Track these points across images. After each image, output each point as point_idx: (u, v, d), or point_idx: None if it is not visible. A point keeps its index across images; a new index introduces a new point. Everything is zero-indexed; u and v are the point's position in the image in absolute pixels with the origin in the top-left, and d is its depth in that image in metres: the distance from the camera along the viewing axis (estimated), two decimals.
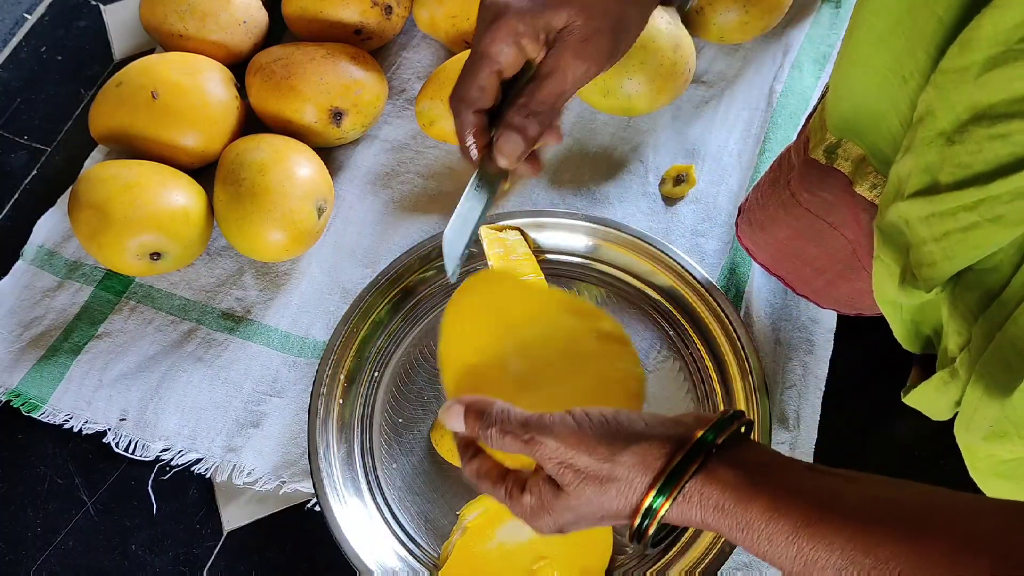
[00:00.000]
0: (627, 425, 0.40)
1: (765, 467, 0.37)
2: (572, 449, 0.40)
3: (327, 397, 0.66)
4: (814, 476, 0.36)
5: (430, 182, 0.79)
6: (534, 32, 0.44)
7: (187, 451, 0.68)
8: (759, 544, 0.35)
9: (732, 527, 0.36)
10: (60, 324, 0.73)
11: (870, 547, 0.32)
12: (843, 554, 0.33)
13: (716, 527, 0.37)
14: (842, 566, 0.33)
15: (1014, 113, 0.34)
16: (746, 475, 0.36)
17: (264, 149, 0.71)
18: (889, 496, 0.34)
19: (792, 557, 0.34)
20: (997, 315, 0.39)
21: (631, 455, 0.38)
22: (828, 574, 0.33)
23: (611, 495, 0.39)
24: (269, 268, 0.75)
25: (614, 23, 0.45)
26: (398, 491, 0.65)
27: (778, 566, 0.35)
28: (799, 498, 0.35)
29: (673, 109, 0.80)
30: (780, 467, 0.37)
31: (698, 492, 0.37)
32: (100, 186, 0.69)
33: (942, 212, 0.38)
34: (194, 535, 0.66)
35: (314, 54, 0.76)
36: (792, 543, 0.34)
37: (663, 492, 0.38)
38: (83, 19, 0.93)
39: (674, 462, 0.38)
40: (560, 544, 0.58)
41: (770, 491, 0.35)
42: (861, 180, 0.51)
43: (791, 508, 0.34)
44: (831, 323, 0.69)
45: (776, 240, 0.63)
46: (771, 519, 0.35)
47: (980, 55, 0.35)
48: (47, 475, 0.69)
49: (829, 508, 0.34)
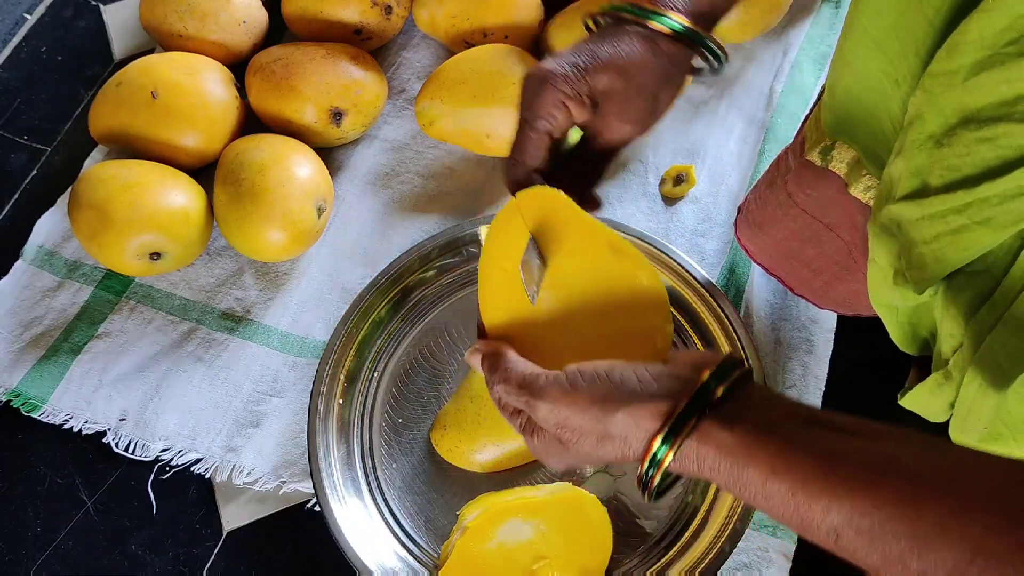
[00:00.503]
0: (620, 383, 0.40)
1: (762, 424, 0.36)
2: (566, 409, 0.40)
3: (327, 397, 0.66)
4: (813, 432, 0.36)
5: (430, 182, 0.79)
6: (579, 96, 0.46)
7: (187, 451, 0.68)
8: (756, 501, 0.36)
9: (730, 485, 0.37)
10: (60, 324, 0.73)
11: (868, 509, 0.32)
12: (840, 515, 0.33)
13: (715, 481, 0.37)
14: (838, 526, 0.33)
15: (1001, 116, 0.34)
16: (743, 435, 0.36)
17: (264, 149, 0.71)
18: (889, 452, 0.34)
19: (789, 515, 0.34)
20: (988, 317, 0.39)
21: (625, 415, 0.39)
22: (823, 533, 0.33)
23: (608, 451, 0.40)
24: (269, 268, 0.75)
25: (651, 84, 0.47)
26: (398, 491, 0.65)
27: (778, 520, 0.36)
28: (796, 458, 0.34)
29: (673, 109, 0.80)
30: (779, 422, 0.37)
31: (694, 451, 0.37)
32: (100, 186, 0.69)
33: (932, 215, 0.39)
34: (194, 535, 0.66)
35: (314, 54, 0.76)
36: (789, 503, 0.34)
37: (665, 443, 0.38)
38: (83, 19, 0.93)
39: (673, 418, 0.37)
40: (560, 544, 0.58)
41: (766, 454, 0.35)
42: (855, 182, 0.51)
43: (787, 470, 0.34)
44: (831, 323, 0.69)
45: (774, 241, 0.64)
46: (767, 480, 0.35)
47: (968, 59, 0.35)
48: (47, 475, 0.69)
49: (826, 469, 0.34)
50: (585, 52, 0.47)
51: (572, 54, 0.47)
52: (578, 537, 0.59)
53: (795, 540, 0.62)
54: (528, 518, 0.59)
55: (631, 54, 0.47)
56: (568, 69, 0.46)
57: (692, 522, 0.61)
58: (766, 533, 0.62)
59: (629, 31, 0.47)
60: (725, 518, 0.60)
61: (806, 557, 0.62)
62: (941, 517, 0.30)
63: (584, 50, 0.47)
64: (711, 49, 0.49)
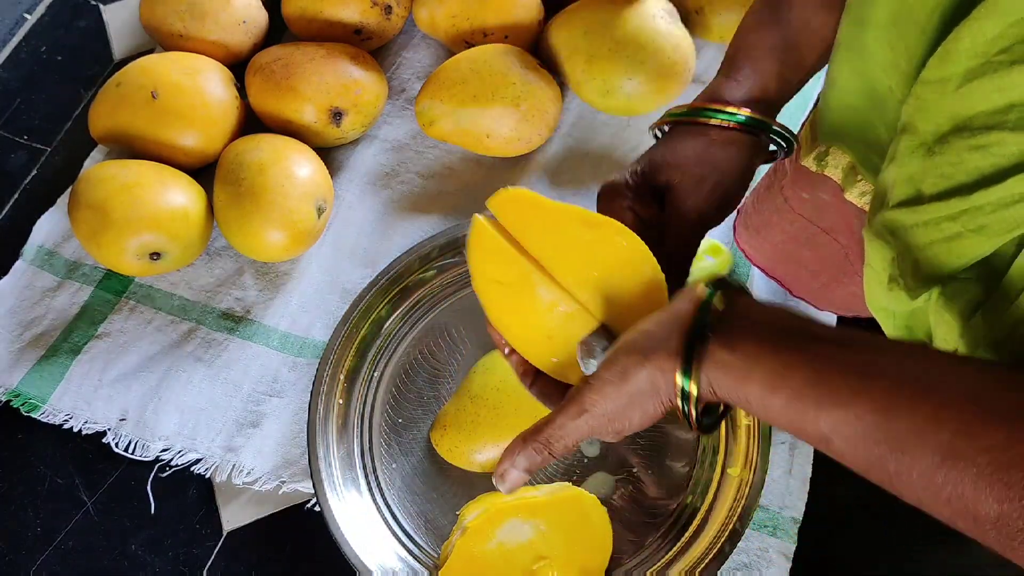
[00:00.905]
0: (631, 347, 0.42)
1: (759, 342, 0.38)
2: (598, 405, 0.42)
3: (327, 397, 0.66)
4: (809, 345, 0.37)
5: (430, 182, 0.79)
6: (643, 198, 0.50)
7: (187, 451, 0.68)
8: (758, 413, 0.38)
9: (738, 403, 0.39)
10: (60, 324, 0.73)
11: (851, 417, 0.34)
12: (827, 423, 0.35)
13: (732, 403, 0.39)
14: (827, 434, 0.35)
15: (994, 125, 0.34)
16: (742, 356, 0.38)
17: (264, 149, 0.71)
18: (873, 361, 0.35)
19: (785, 424, 0.37)
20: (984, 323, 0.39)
21: (648, 371, 0.40)
22: (817, 439, 0.36)
23: (651, 408, 0.41)
24: (269, 268, 0.75)
25: (711, 171, 0.49)
26: (398, 491, 0.65)
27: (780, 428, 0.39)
28: (789, 373, 0.36)
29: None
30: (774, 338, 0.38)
31: (706, 376, 0.39)
32: (100, 186, 0.69)
33: (926, 222, 0.39)
34: (194, 535, 0.66)
35: (314, 54, 0.76)
36: (784, 415, 0.37)
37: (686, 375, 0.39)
38: (83, 19, 0.93)
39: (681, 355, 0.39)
40: (560, 544, 0.58)
41: (763, 371, 0.37)
42: (850, 187, 0.52)
43: (782, 386, 0.36)
44: (831, 324, 0.69)
45: (772, 244, 0.64)
46: (765, 396, 0.37)
47: (959, 67, 0.35)
48: (47, 475, 0.69)
49: (815, 381, 0.36)
50: (644, 159, 0.51)
51: (634, 163, 0.51)
52: (578, 537, 0.59)
53: (795, 540, 0.62)
54: (528, 518, 0.59)
55: (686, 150, 0.50)
56: (629, 177, 0.50)
57: (692, 522, 0.61)
58: (766, 533, 0.62)
59: (686, 131, 0.50)
60: (725, 518, 0.60)
61: (806, 557, 0.62)
62: (915, 421, 0.32)
63: (643, 158, 0.51)
64: (777, 132, 0.50)
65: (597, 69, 0.75)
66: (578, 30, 0.76)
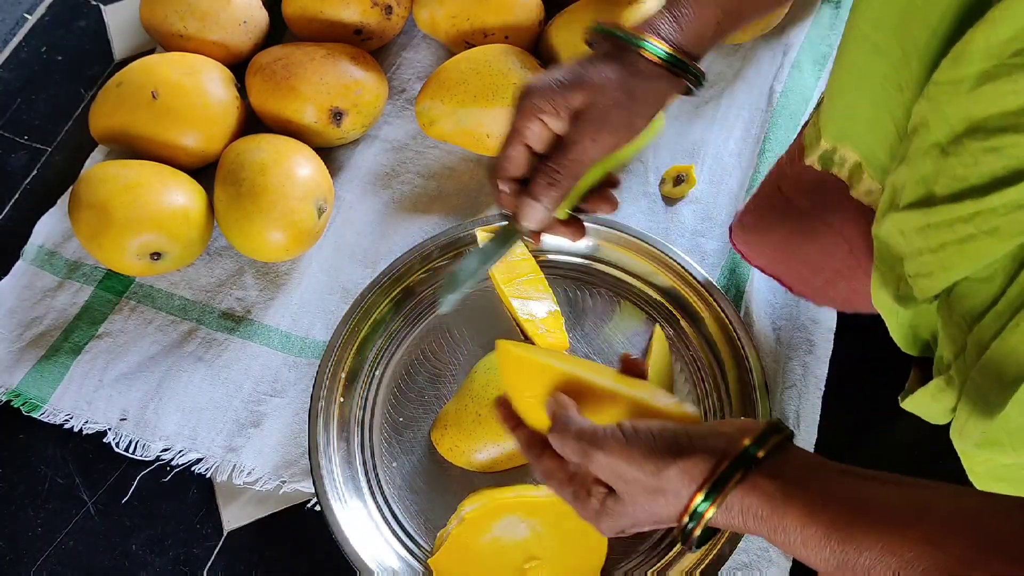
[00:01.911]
0: (672, 440, 0.42)
1: (801, 475, 0.39)
2: (623, 463, 0.42)
3: (327, 397, 0.66)
4: (847, 481, 0.38)
5: (430, 182, 0.79)
6: (555, 110, 0.49)
7: (187, 451, 0.68)
8: (795, 547, 0.38)
9: (770, 532, 0.39)
10: (60, 324, 0.73)
11: (896, 548, 0.34)
12: (871, 555, 0.35)
13: (755, 531, 0.40)
14: (871, 566, 0.35)
15: (1008, 127, 0.34)
16: (783, 485, 0.38)
17: (264, 149, 0.71)
18: (919, 499, 0.36)
19: (826, 559, 0.37)
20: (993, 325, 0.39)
21: (677, 470, 0.40)
22: (857, 572, 0.36)
23: (660, 504, 0.42)
24: (269, 268, 0.75)
25: (627, 100, 0.50)
26: (398, 490, 0.65)
27: (814, 566, 0.38)
28: (831, 504, 0.37)
29: (673, 109, 0.80)
30: (815, 473, 0.39)
31: (739, 502, 0.39)
32: (100, 186, 0.69)
33: (938, 223, 0.39)
34: (194, 535, 0.66)
35: (314, 54, 0.76)
36: (824, 546, 0.36)
37: (708, 499, 0.40)
38: (83, 19, 0.93)
39: (716, 475, 0.40)
40: (553, 546, 0.59)
41: (804, 500, 0.37)
42: (857, 184, 0.51)
43: (823, 514, 0.37)
44: (831, 323, 0.69)
45: (772, 242, 0.64)
46: (805, 525, 0.37)
47: (973, 69, 0.35)
48: (47, 475, 0.69)
49: (859, 512, 0.36)
50: (570, 71, 0.50)
51: (559, 70, 0.50)
52: (573, 542, 0.59)
53: None
54: (526, 517, 0.59)
55: (610, 74, 0.50)
56: (549, 84, 0.50)
57: None
58: None
59: (615, 54, 0.51)
60: None
61: None
62: (965, 555, 0.33)
63: (570, 69, 0.50)
64: (693, 73, 0.52)
65: None
66: (578, 30, 0.76)
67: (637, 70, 0.50)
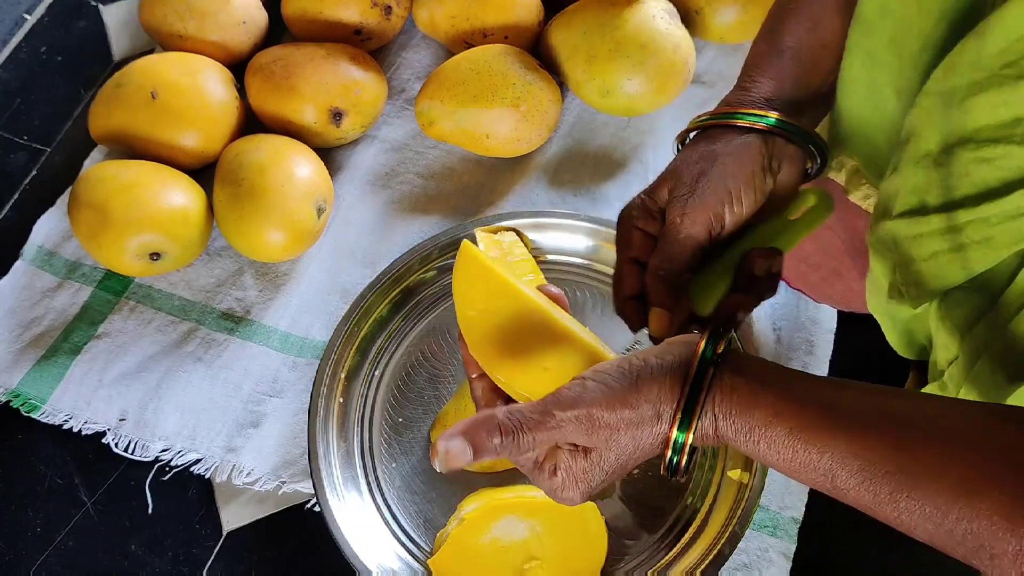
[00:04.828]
0: (630, 371, 0.40)
1: (764, 375, 0.38)
2: (595, 409, 0.39)
3: (327, 397, 0.66)
4: (811, 384, 0.38)
5: (430, 182, 0.79)
6: (648, 215, 0.49)
7: (187, 451, 0.68)
8: (759, 447, 0.37)
9: (737, 432, 0.38)
10: (60, 324, 0.73)
11: (859, 450, 0.34)
12: (833, 456, 0.35)
13: (724, 435, 0.38)
14: (832, 468, 0.35)
15: (1000, 138, 0.35)
16: (747, 382, 0.38)
17: (264, 149, 0.71)
18: (882, 404, 0.36)
19: (788, 459, 0.36)
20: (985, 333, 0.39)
21: (650, 393, 0.39)
22: (819, 474, 0.35)
23: (645, 436, 0.40)
24: (269, 268, 0.75)
25: (709, 167, 0.47)
26: (398, 491, 0.65)
27: (776, 467, 0.37)
28: (794, 404, 0.36)
29: (673, 109, 0.80)
30: (779, 376, 0.38)
31: (712, 408, 0.38)
32: (100, 186, 0.69)
33: (930, 232, 0.39)
34: (194, 535, 0.66)
35: (314, 54, 0.76)
36: (788, 446, 0.36)
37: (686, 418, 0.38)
38: (83, 19, 0.93)
39: (689, 381, 0.38)
40: (553, 547, 0.59)
41: (771, 398, 0.37)
42: (855, 189, 0.51)
43: (789, 414, 0.36)
44: (831, 323, 0.69)
45: None
46: (770, 424, 0.36)
47: (964, 80, 0.35)
48: (47, 475, 0.69)
49: (823, 414, 0.36)
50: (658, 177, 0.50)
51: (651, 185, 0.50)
52: (572, 543, 0.59)
53: (795, 540, 0.62)
54: (525, 517, 0.59)
55: (689, 154, 0.48)
56: (639, 194, 0.50)
57: (691, 525, 0.61)
58: (766, 533, 0.62)
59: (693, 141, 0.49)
60: (725, 520, 0.60)
61: (806, 557, 0.62)
62: (929, 456, 0.33)
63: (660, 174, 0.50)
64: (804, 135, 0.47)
65: (597, 69, 0.75)
66: (578, 30, 0.76)
67: (713, 137, 0.48)
